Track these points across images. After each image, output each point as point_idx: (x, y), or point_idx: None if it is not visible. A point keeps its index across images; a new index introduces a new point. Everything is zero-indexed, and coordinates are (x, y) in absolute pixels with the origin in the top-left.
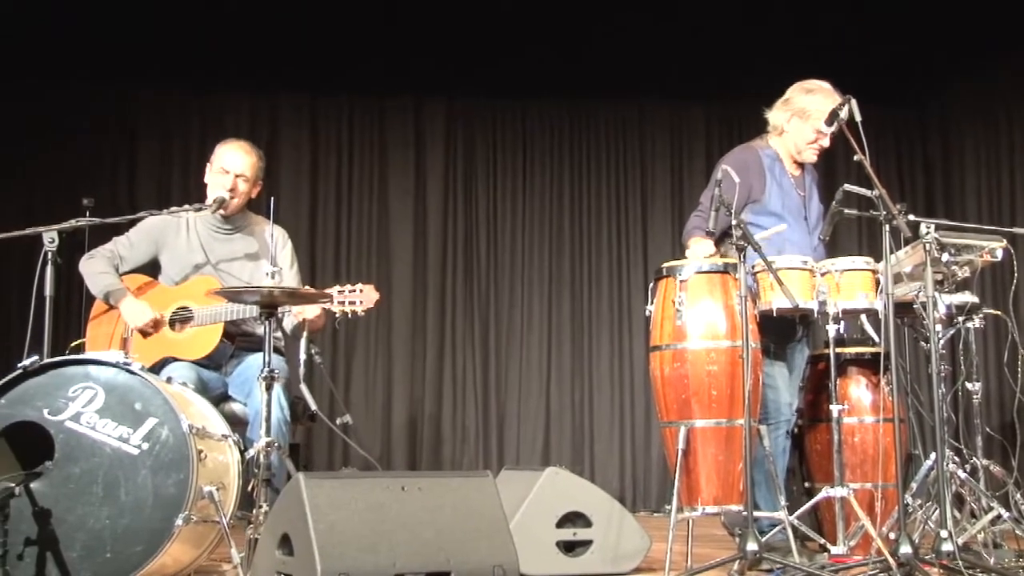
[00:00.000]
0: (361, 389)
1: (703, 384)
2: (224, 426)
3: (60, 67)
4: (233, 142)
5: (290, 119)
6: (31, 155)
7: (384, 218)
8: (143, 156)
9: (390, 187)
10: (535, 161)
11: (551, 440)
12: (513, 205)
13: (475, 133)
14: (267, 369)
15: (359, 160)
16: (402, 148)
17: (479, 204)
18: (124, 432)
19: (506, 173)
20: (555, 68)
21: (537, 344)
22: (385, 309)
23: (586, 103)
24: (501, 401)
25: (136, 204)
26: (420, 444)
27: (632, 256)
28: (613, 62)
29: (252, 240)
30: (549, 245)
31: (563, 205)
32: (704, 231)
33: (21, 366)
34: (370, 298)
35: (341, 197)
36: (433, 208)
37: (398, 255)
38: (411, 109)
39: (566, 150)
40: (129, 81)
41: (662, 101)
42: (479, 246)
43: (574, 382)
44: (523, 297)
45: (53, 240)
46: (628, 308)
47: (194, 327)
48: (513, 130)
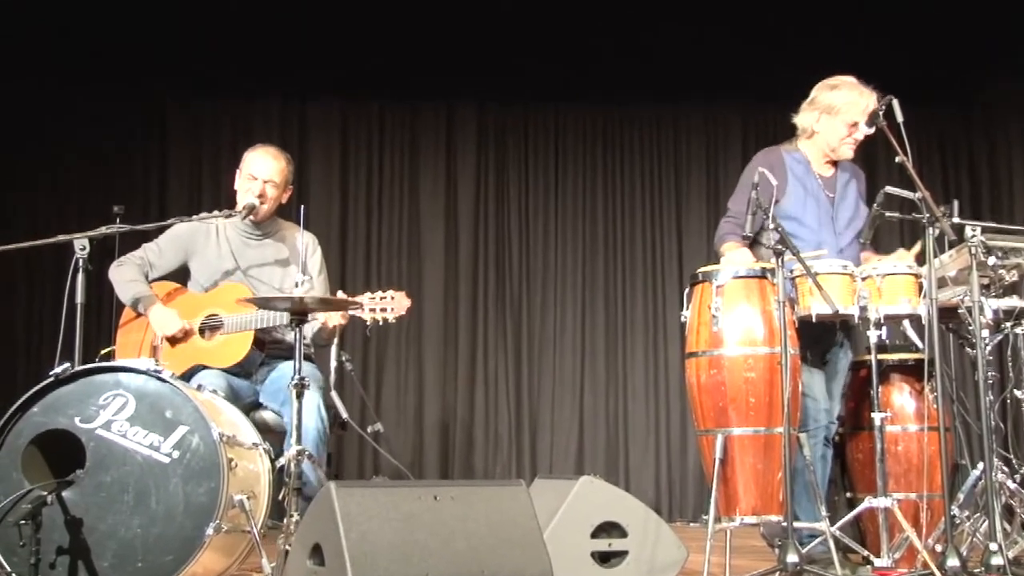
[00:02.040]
0: (392, 396)
1: (740, 391)
2: (255, 434)
3: (91, 74)
4: (261, 148)
5: (320, 125)
6: (62, 162)
7: (415, 224)
8: (174, 163)
9: (421, 193)
10: (568, 165)
11: (585, 448)
12: (546, 210)
13: (507, 138)
14: (297, 376)
15: (390, 166)
16: (433, 153)
17: (511, 209)
18: (155, 440)
19: (538, 178)
20: (588, 71)
21: (571, 350)
22: (416, 315)
23: (620, 107)
24: (534, 408)
25: (166, 211)
26: (452, 452)
27: (667, 261)
28: (647, 65)
29: (282, 246)
30: (582, 250)
31: (597, 210)
32: (738, 236)
33: (53, 374)
34: (402, 305)
35: (372, 203)
36: (464, 214)
37: (429, 261)
38: (442, 114)
39: (599, 154)
40: (160, 88)
41: (697, 104)
42: (511, 251)
43: (608, 389)
44: (556, 302)
45: (84, 247)
46: (663, 314)
47: (224, 335)
48: (545, 134)
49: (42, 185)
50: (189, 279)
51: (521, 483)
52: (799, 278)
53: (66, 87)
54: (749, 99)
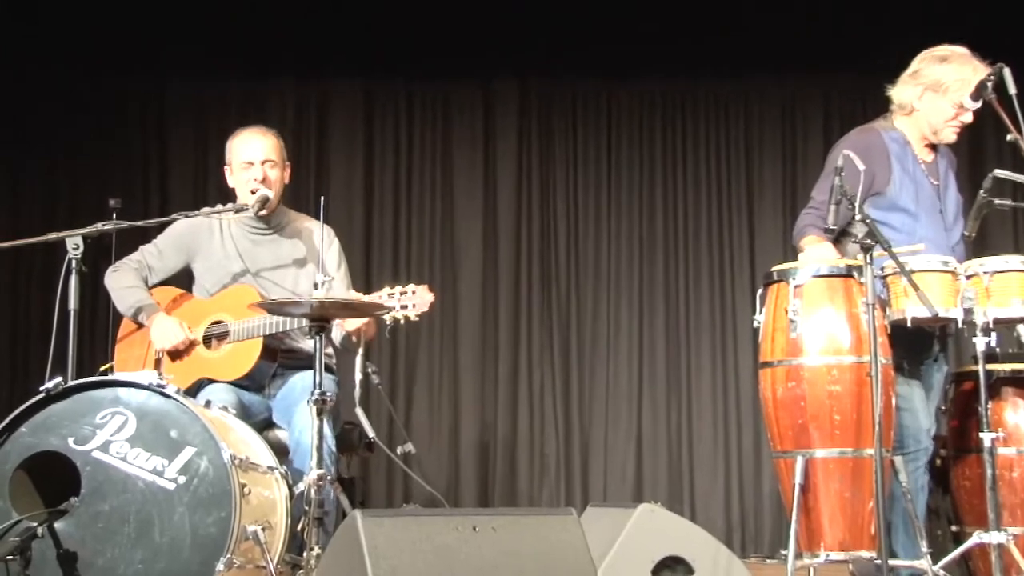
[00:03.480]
0: (424, 413)
1: (823, 407)
2: (270, 457)
3: (82, 56)
4: (243, 130)
5: (342, 108)
6: (52, 152)
7: (449, 218)
8: (175, 151)
9: (456, 183)
10: (622, 150)
11: (644, 472)
12: (597, 201)
13: (552, 119)
14: (317, 391)
15: (420, 153)
16: (469, 138)
17: (557, 200)
18: (158, 464)
19: (588, 164)
20: (644, 42)
21: (626, 360)
22: (451, 321)
23: (681, 82)
24: (585, 426)
25: (169, 204)
26: (492, 477)
27: (737, 258)
28: (712, 32)
29: (296, 242)
30: (639, 246)
31: (655, 200)
32: (819, 229)
33: (43, 389)
34: (424, 300)
35: (400, 195)
36: (505, 207)
37: (465, 260)
38: (479, 93)
39: (658, 136)
40: (159, 69)
41: (771, 76)
42: (558, 249)
43: (670, 404)
44: (609, 306)
45: (78, 246)
46: (733, 318)
47: (230, 343)
48: (596, 115)
49: (28, 177)
50: (193, 283)
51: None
52: (891, 276)
53: (50, 68)
54: (833, 69)
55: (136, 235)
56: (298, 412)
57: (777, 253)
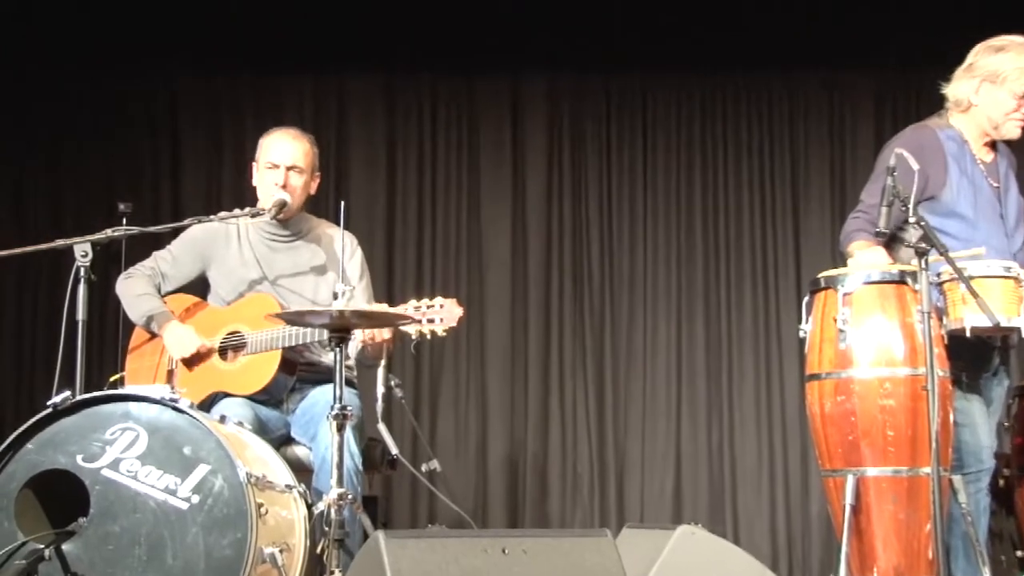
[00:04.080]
0: (450, 429)
1: (876, 422)
2: (288, 475)
3: (87, 54)
4: (277, 130)
5: (361, 104)
6: (58, 155)
7: (475, 221)
8: (187, 153)
9: (482, 183)
10: (659, 148)
11: (683, 491)
12: (632, 203)
13: (584, 115)
14: (338, 405)
15: (444, 153)
16: (496, 138)
17: (590, 203)
18: (171, 482)
19: (623, 165)
20: (682, 32)
21: (664, 373)
22: (478, 331)
23: (722, 76)
24: (620, 443)
25: (181, 208)
26: (522, 496)
27: (781, 264)
28: (755, 23)
29: (316, 248)
30: (677, 251)
31: (694, 202)
32: (870, 233)
33: (51, 404)
34: (452, 314)
35: (424, 196)
36: (534, 208)
37: (492, 266)
38: (507, 90)
39: (697, 134)
40: (169, 66)
41: (818, 69)
42: (591, 254)
43: (711, 419)
44: (646, 315)
45: (86, 254)
46: (777, 328)
47: (247, 355)
48: (631, 112)
49: (33, 181)
50: (208, 291)
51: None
52: (948, 283)
53: (54, 67)
54: (884, 62)
55: (147, 241)
56: (323, 428)
57: (824, 258)
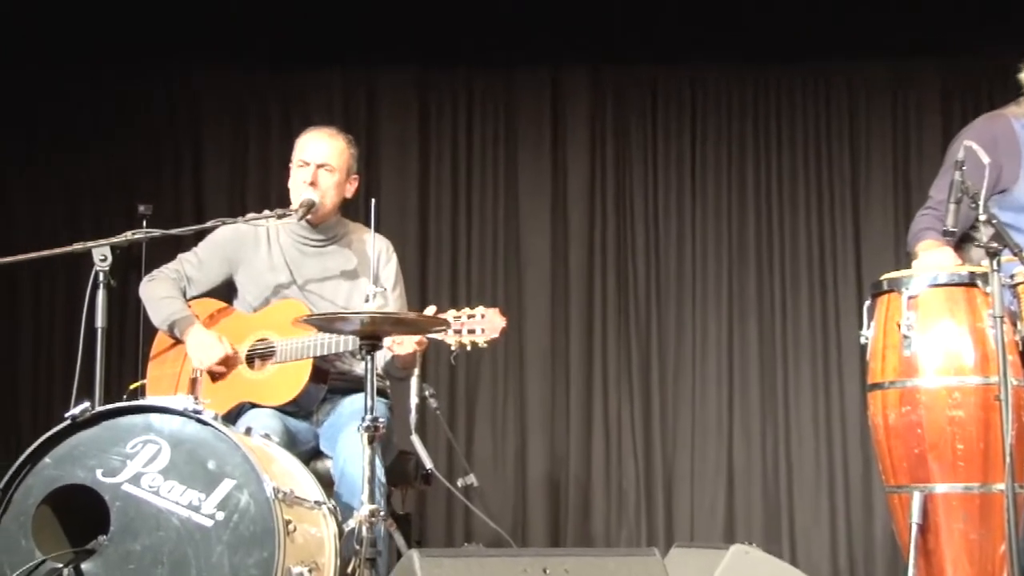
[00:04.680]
0: (487, 442)
1: (944, 435)
2: (317, 490)
3: (107, 50)
4: (314, 129)
5: (393, 99)
6: (75, 155)
7: (513, 222)
8: (210, 152)
9: (520, 184)
10: (708, 144)
11: (736, 508)
12: (679, 203)
13: (629, 110)
14: (369, 417)
15: (480, 151)
16: (535, 134)
17: (635, 203)
18: (194, 498)
19: (670, 161)
20: (733, 21)
21: (715, 382)
22: (516, 337)
23: (777, 65)
24: (669, 457)
25: (204, 211)
26: (564, 513)
27: (841, 265)
28: (811, 8)
29: (349, 254)
30: (728, 253)
31: (746, 201)
32: (937, 232)
33: (69, 416)
34: (494, 325)
35: (458, 197)
36: (576, 209)
37: (531, 270)
38: (546, 83)
39: (749, 129)
40: (191, 62)
41: (880, 59)
42: (636, 257)
43: (765, 431)
44: (695, 321)
45: (105, 258)
46: (836, 334)
47: (276, 364)
48: (678, 105)
49: (49, 183)
50: (235, 296)
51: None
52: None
53: (74, 65)
54: (952, 50)
55: (168, 244)
56: (343, 439)
57: (887, 259)
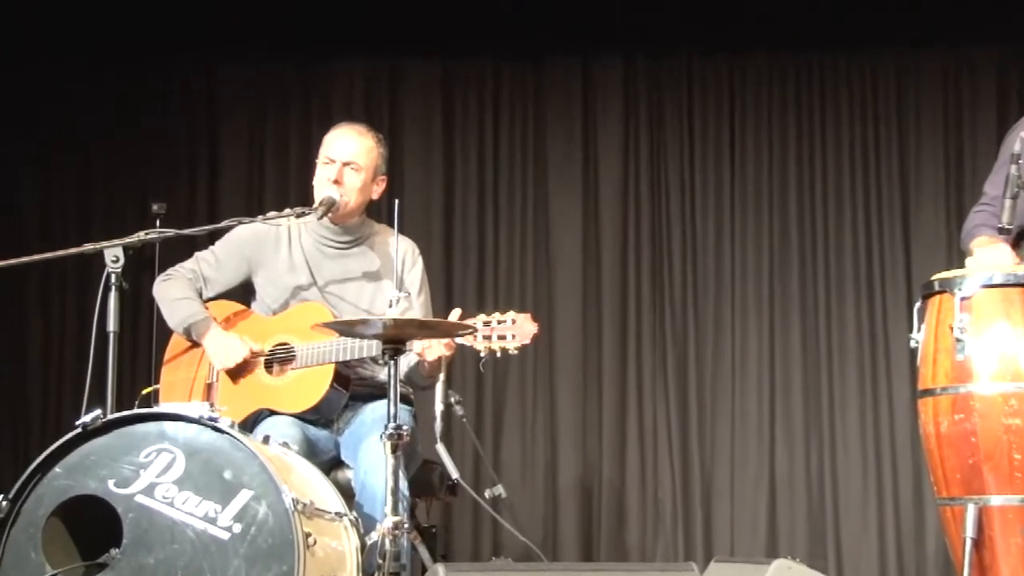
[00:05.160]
0: (516, 450)
1: (1000, 444)
2: (338, 502)
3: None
4: (343, 125)
5: (417, 91)
6: (86, 151)
7: (542, 222)
8: (226, 146)
9: (550, 180)
10: (747, 136)
11: (779, 521)
12: (718, 197)
13: (664, 102)
14: (392, 424)
15: (508, 145)
16: (566, 126)
17: (670, 197)
18: (210, 509)
19: (707, 154)
20: (774, 5)
21: (756, 388)
22: (546, 342)
23: (821, 53)
24: (707, 467)
25: (219, 209)
26: (597, 525)
27: (890, 264)
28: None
29: (373, 256)
30: (769, 250)
31: (788, 196)
32: (993, 229)
33: (80, 423)
34: (525, 331)
35: (485, 195)
36: (608, 206)
37: (562, 270)
38: (577, 73)
39: (791, 120)
40: (207, 53)
41: (931, 46)
42: (672, 256)
43: (809, 440)
44: (734, 324)
45: (117, 259)
46: (884, 337)
47: (296, 370)
48: (717, 95)
49: (59, 180)
50: (253, 298)
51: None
52: None
53: (83, 59)
54: (1010, 37)
55: (183, 244)
56: (364, 448)
57: (939, 258)
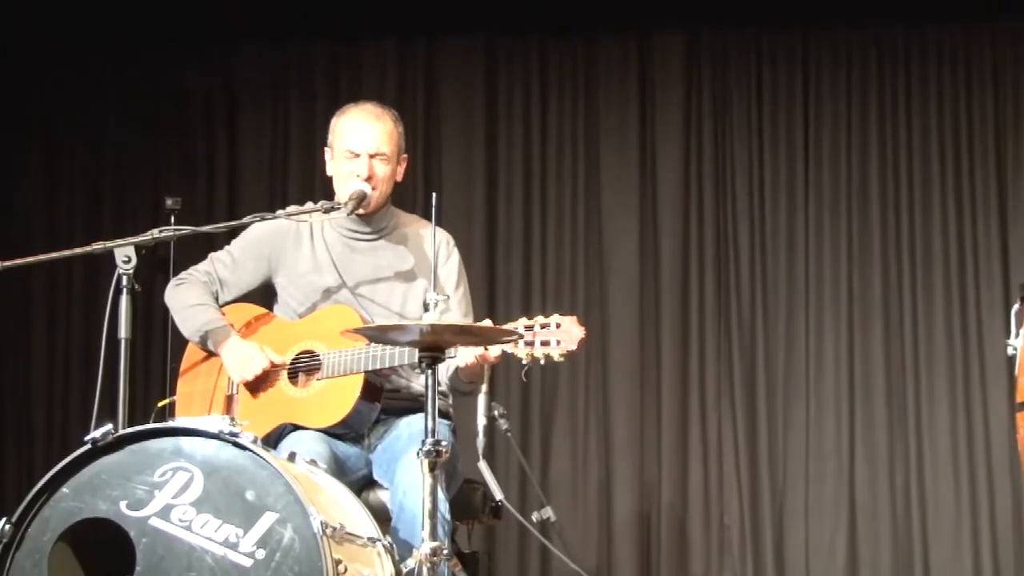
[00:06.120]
0: (567, 468)
1: None
2: (371, 525)
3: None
4: (353, 108)
5: (456, 72)
6: (95, 141)
7: (594, 217)
8: (247, 136)
9: (603, 170)
10: (824, 121)
11: (860, 545)
12: (791, 189)
13: (730, 80)
14: (430, 440)
15: (557, 131)
16: (620, 110)
17: (737, 188)
18: (231, 534)
19: (778, 141)
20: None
21: (833, 400)
22: (598, 350)
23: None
24: (778, 487)
25: (239, 204)
26: (656, 551)
27: (984, 263)
28: None
29: (404, 251)
30: (848, 247)
31: (869, 187)
32: None
33: (89, 439)
34: (572, 336)
35: (531, 184)
36: (667, 196)
37: (616, 270)
38: (633, 50)
39: (873, 102)
40: (225, 32)
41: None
42: (739, 253)
43: (894, 457)
44: (809, 329)
45: (129, 259)
46: (978, 344)
47: (322, 380)
48: (789, 75)
49: (66, 174)
50: (275, 301)
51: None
52: None
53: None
54: None
55: (200, 243)
56: (401, 467)
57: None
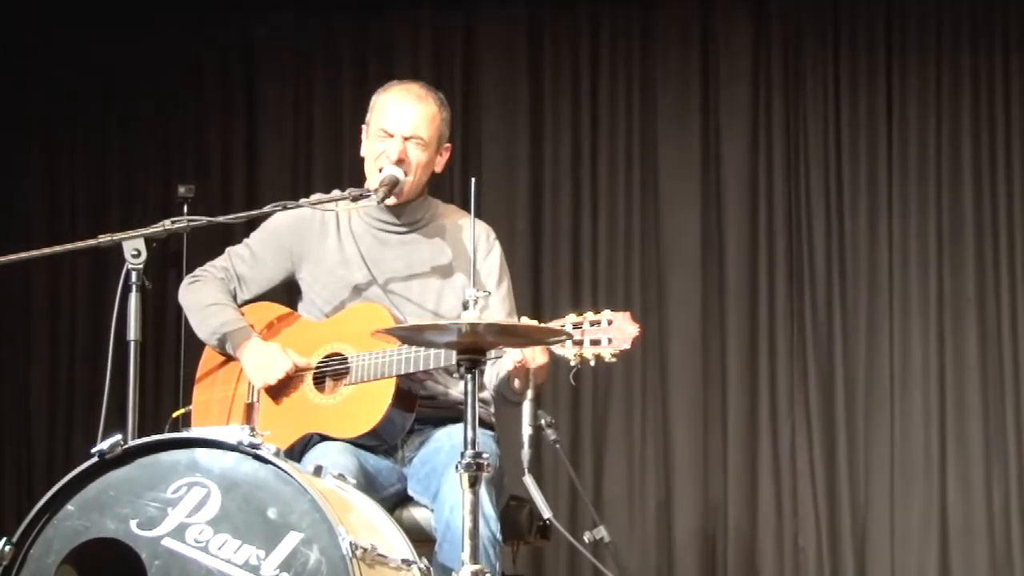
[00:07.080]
0: (622, 484)
1: None
2: (406, 546)
3: None
4: (396, 87)
5: (497, 48)
6: (102, 125)
7: (651, 204)
8: (267, 118)
9: (661, 155)
10: (909, 99)
11: (953, 570)
12: (872, 176)
13: (803, 55)
14: (470, 452)
15: (609, 113)
16: (680, 90)
17: (811, 176)
18: (252, 555)
19: (857, 122)
20: None
21: (921, 410)
22: (656, 354)
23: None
24: (860, 505)
25: (258, 193)
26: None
27: None
28: None
29: (440, 244)
30: (938, 244)
31: (961, 177)
32: None
33: (96, 451)
34: (625, 334)
35: (580, 170)
36: (732, 184)
37: (676, 265)
38: (695, 23)
39: (966, 81)
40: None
41: None
42: (813, 248)
43: (990, 473)
44: (892, 331)
45: (139, 252)
46: None
47: (351, 385)
48: (869, 48)
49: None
50: (300, 299)
51: None
52: None
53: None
54: None
55: (216, 235)
56: (447, 483)
57: None
